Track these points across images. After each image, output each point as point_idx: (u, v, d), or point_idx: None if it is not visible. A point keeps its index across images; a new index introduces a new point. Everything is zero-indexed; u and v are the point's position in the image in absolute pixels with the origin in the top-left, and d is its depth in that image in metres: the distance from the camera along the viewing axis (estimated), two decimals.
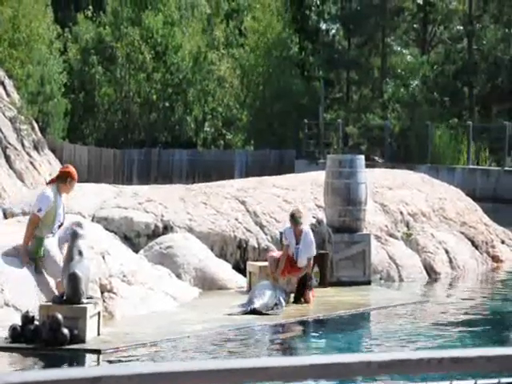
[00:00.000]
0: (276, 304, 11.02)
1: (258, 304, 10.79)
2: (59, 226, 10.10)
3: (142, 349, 9.11)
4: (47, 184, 10.52)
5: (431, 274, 14.85)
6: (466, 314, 11.88)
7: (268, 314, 10.79)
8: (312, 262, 11.98)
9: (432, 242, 15.30)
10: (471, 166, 28.88)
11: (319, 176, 15.12)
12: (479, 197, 22.88)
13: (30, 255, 9.96)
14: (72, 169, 10.60)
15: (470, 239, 16.01)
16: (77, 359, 8.71)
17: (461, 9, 38.28)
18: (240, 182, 15.86)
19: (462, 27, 38.39)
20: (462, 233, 16.07)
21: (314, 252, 11.95)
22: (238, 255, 13.50)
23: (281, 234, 12.38)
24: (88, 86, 36.63)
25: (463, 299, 13.16)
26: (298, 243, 11.86)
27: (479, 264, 15.77)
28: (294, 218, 11.85)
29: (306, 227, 12.20)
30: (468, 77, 35.71)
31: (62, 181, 10.29)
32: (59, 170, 10.81)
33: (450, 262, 15.23)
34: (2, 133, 23.81)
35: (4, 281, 9.52)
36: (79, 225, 9.67)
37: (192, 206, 13.74)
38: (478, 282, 15.21)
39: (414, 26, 40.40)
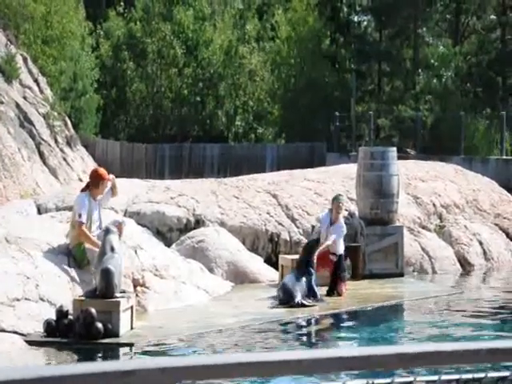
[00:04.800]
0: (312, 295, 10.98)
1: (301, 297, 10.76)
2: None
3: (175, 342, 9.14)
4: (81, 191, 10.51)
5: (465, 265, 14.74)
6: (500, 305, 11.78)
7: (307, 306, 10.74)
8: (336, 242, 11.85)
9: (465, 233, 15.18)
10: (505, 157, 28.59)
11: (351, 168, 15.06)
12: None
13: (79, 263, 10.11)
14: (101, 171, 10.63)
15: (504, 231, 15.86)
16: (110, 353, 8.76)
17: None
18: (271, 176, 15.85)
19: (495, 17, 38.00)
20: (496, 224, 15.93)
21: (341, 235, 11.85)
22: (270, 249, 13.49)
23: (313, 227, 12.33)
24: (120, 81, 36.82)
25: (497, 291, 13.04)
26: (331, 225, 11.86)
27: None
28: (338, 198, 11.89)
29: (341, 219, 12.15)
30: (502, 67, 35.35)
31: (94, 185, 10.33)
32: (90, 176, 10.79)
33: (484, 253, 15.10)
34: (36, 129, 24.00)
35: (39, 276, 9.60)
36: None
37: (224, 200, 13.75)
38: None
39: (447, 16, 40.06)
